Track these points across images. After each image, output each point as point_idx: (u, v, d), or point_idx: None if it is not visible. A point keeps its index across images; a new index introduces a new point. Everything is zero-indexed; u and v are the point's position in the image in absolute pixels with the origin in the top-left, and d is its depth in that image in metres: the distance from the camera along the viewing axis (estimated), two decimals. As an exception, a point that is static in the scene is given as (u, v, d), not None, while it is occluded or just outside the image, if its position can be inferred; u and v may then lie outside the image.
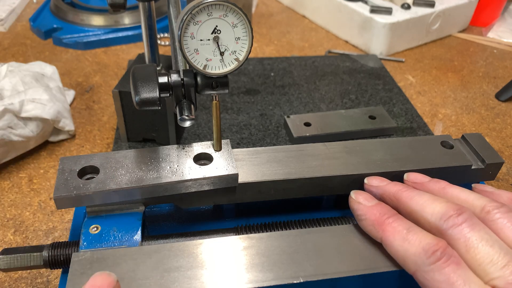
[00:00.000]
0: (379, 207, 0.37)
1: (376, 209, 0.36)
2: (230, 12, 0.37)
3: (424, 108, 0.79)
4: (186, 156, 0.42)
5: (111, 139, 0.67)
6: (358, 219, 0.38)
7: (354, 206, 0.38)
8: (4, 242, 0.52)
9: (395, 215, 0.35)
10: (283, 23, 1.08)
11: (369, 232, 0.36)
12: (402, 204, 0.37)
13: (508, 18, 1.13)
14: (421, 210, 0.34)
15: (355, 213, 0.38)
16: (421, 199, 0.35)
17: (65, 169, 0.39)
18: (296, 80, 0.82)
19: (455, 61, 0.94)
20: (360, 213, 0.37)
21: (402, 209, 0.37)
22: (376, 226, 0.35)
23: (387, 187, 0.39)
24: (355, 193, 0.39)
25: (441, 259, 0.30)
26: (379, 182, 0.41)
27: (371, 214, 0.36)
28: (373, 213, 0.36)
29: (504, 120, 0.77)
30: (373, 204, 0.37)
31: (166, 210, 0.48)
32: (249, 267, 0.35)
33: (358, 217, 0.38)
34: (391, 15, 0.91)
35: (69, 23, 0.95)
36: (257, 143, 0.66)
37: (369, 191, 0.41)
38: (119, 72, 0.84)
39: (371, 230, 0.36)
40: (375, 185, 0.41)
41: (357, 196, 0.39)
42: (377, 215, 0.36)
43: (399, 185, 0.39)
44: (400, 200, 0.37)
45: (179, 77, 0.40)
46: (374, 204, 0.37)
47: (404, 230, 0.33)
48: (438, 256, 0.30)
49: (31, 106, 0.59)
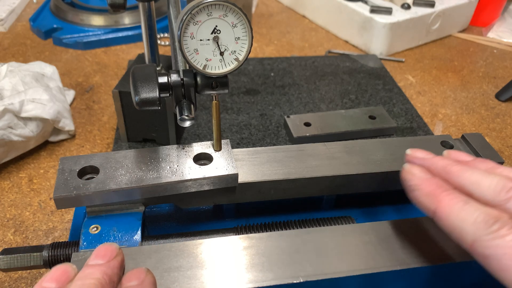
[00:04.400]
0: (434, 179, 0.35)
1: (432, 181, 0.35)
2: (230, 12, 0.37)
3: (424, 108, 0.79)
4: (186, 156, 0.42)
5: (111, 139, 0.67)
6: (409, 190, 0.36)
7: (407, 176, 0.37)
8: (4, 242, 0.52)
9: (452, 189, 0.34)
10: (283, 23, 1.08)
11: (420, 204, 0.35)
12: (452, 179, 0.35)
13: (508, 18, 1.13)
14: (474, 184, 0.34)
15: (407, 183, 0.37)
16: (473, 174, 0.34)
17: (65, 169, 0.39)
18: (296, 80, 0.82)
19: (455, 61, 0.94)
20: (414, 183, 0.36)
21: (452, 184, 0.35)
22: (431, 198, 0.34)
23: (435, 160, 0.38)
24: (409, 164, 0.38)
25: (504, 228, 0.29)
26: (425, 154, 0.39)
27: (426, 185, 0.35)
28: (428, 184, 0.35)
29: (504, 120, 0.77)
30: (428, 176, 0.36)
31: (166, 210, 0.48)
32: (249, 267, 0.35)
33: (411, 187, 0.36)
34: (391, 15, 0.91)
35: (69, 23, 0.95)
36: (257, 143, 0.66)
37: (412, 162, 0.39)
38: (119, 72, 0.84)
39: (424, 201, 0.35)
40: (421, 157, 0.39)
41: (412, 167, 0.37)
42: (432, 187, 0.35)
43: (446, 159, 0.37)
44: (450, 174, 0.36)
45: (179, 77, 0.40)
46: (429, 177, 0.36)
47: (461, 202, 0.32)
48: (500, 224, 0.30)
49: (31, 106, 0.59)
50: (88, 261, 0.32)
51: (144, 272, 0.31)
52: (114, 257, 0.32)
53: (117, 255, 0.32)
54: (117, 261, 0.32)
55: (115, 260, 0.32)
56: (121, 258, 0.33)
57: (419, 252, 0.37)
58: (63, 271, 0.30)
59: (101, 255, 0.32)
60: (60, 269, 0.31)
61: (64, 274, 0.30)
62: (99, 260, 0.31)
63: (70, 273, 0.30)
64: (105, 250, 0.32)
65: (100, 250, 0.32)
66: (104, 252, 0.32)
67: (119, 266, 0.32)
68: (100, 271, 0.30)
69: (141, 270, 0.31)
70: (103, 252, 0.32)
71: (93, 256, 0.32)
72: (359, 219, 0.48)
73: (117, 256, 0.32)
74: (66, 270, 0.31)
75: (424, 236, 0.38)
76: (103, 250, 0.32)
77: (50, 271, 0.30)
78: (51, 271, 0.30)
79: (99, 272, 0.30)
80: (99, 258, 0.32)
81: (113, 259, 0.32)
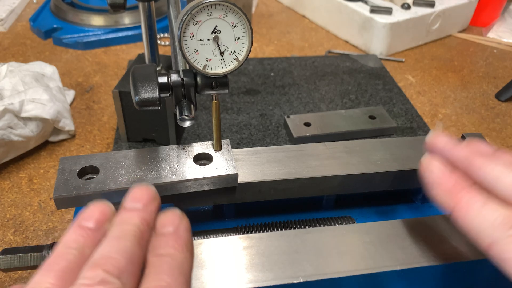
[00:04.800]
0: (453, 175, 0.34)
1: (451, 178, 0.34)
2: (230, 12, 0.37)
3: (424, 108, 0.79)
4: (186, 156, 0.42)
5: (111, 139, 0.67)
6: (428, 187, 0.35)
7: (425, 173, 0.35)
8: (4, 242, 0.52)
9: (472, 186, 0.33)
10: (283, 23, 1.08)
11: (439, 201, 0.34)
12: (473, 172, 0.34)
13: (508, 18, 1.13)
14: (495, 179, 0.32)
15: (426, 180, 0.35)
16: (495, 168, 0.32)
17: (65, 169, 0.39)
18: (296, 80, 0.82)
19: (455, 61, 0.94)
20: (432, 180, 0.35)
21: (473, 176, 0.34)
22: (449, 196, 0.33)
23: (456, 150, 0.35)
24: (427, 159, 0.36)
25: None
26: (445, 142, 0.36)
27: (445, 182, 0.34)
28: (448, 181, 0.33)
29: (504, 120, 0.77)
30: (447, 172, 0.34)
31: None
32: (249, 267, 0.35)
33: (429, 184, 0.35)
34: (391, 15, 0.91)
35: (69, 23, 0.95)
36: (257, 143, 0.66)
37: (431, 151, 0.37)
38: (119, 72, 0.84)
39: (442, 199, 0.33)
40: (441, 146, 0.36)
41: (430, 162, 0.35)
42: (451, 184, 0.33)
43: (469, 149, 0.35)
44: (472, 166, 0.34)
45: (179, 77, 0.40)
46: (448, 172, 0.34)
47: (480, 201, 0.31)
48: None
49: (31, 106, 0.59)
50: (125, 203, 0.30)
51: (179, 216, 0.29)
52: (151, 201, 0.30)
53: (154, 198, 0.30)
54: (154, 205, 0.30)
55: (152, 204, 0.29)
56: (158, 202, 0.30)
57: (419, 252, 0.37)
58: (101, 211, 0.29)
59: (138, 197, 0.29)
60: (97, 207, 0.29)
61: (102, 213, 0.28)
62: (136, 204, 0.29)
63: (107, 212, 0.29)
64: (141, 192, 0.30)
65: (136, 193, 0.30)
66: (141, 195, 0.29)
67: (156, 211, 0.30)
68: (138, 216, 0.28)
69: (175, 214, 0.29)
70: (139, 194, 0.30)
71: (130, 198, 0.30)
72: (359, 219, 0.49)
73: (154, 200, 0.30)
74: (104, 209, 0.29)
75: (424, 236, 0.38)
76: (139, 192, 0.30)
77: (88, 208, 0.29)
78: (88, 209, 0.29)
79: (137, 218, 0.28)
80: (136, 201, 0.29)
81: (149, 202, 0.29)
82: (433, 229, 0.39)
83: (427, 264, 0.36)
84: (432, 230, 0.39)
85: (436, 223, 0.40)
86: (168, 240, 0.27)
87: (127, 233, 0.27)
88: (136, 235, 0.27)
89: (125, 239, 0.26)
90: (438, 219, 0.40)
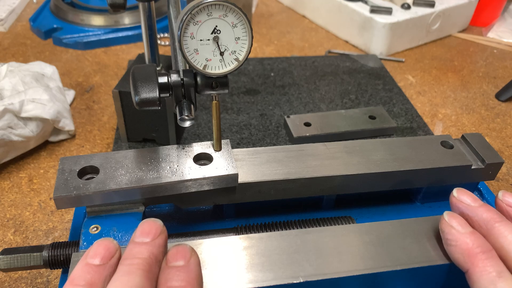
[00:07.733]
0: (473, 236, 0.34)
1: (469, 238, 0.34)
2: (230, 12, 0.37)
3: (424, 108, 0.79)
4: (186, 156, 0.42)
5: (111, 139, 0.67)
6: (446, 244, 0.35)
7: (445, 229, 0.35)
8: (4, 242, 0.52)
9: (489, 251, 0.33)
10: (283, 23, 1.08)
11: (455, 260, 0.34)
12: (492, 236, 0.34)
13: (508, 18, 1.13)
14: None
15: (445, 236, 0.35)
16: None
17: (65, 169, 0.39)
18: (296, 80, 0.82)
19: (455, 61, 0.94)
20: (451, 237, 0.35)
21: (491, 241, 0.34)
22: (466, 257, 0.33)
23: (480, 210, 0.36)
24: (449, 215, 0.36)
25: None
26: (471, 201, 0.37)
27: (463, 242, 0.34)
28: (466, 242, 0.33)
29: (504, 120, 0.77)
30: (467, 231, 0.34)
31: (166, 210, 0.48)
32: (249, 267, 0.35)
33: (448, 241, 0.35)
34: (391, 15, 0.91)
35: (69, 23, 0.95)
36: (257, 143, 0.66)
37: (456, 206, 0.37)
38: (119, 72, 0.84)
39: (459, 258, 0.34)
40: (467, 203, 0.37)
41: (451, 219, 0.35)
42: (469, 245, 0.33)
43: (493, 212, 0.35)
44: (491, 231, 0.34)
45: (179, 77, 0.40)
46: (468, 232, 0.34)
47: (494, 273, 0.31)
48: None
49: (31, 106, 0.59)
50: (134, 237, 0.31)
51: (189, 251, 0.30)
52: (159, 234, 0.31)
53: (161, 232, 0.31)
54: (162, 239, 0.31)
55: (159, 238, 0.31)
56: (165, 235, 0.32)
57: (419, 252, 0.37)
58: (106, 247, 0.30)
59: (146, 232, 0.31)
60: (102, 244, 0.30)
61: (107, 250, 0.30)
62: (144, 238, 0.30)
63: (112, 249, 0.30)
64: (149, 227, 0.31)
65: (145, 227, 0.31)
66: (149, 229, 0.31)
67: (164, 244, 0.31)
68: (147, 250, 0.29)
69: (186, 248, 0.30)
70: (148, 229, 0.31)
71: (139, 233, 0.31)
72: (359, 219, 0.49)
73: (161, 233, 0.31)
74: (108, 245, 0.30)
75: (424, 236, 0.38)
76: (148, 226, 0.31)
77: (93, 246, 0.30)
78: (94, 246, 0.30)
79: (146, 251, 0.29)
80: (144, 236, 0.30)
81: (157, 236, 0.31)
82: (433, 229, 0.39)
83: (427, 264, 0.36)
84: (432, 230, 0.39)
85: (436, 223, 0.40)
86: (179, 274, 0.29)
87: (137, 268, 0.28)
88: (145, 269, 0.28)
89: (135, 274, 0.28)
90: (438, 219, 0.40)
